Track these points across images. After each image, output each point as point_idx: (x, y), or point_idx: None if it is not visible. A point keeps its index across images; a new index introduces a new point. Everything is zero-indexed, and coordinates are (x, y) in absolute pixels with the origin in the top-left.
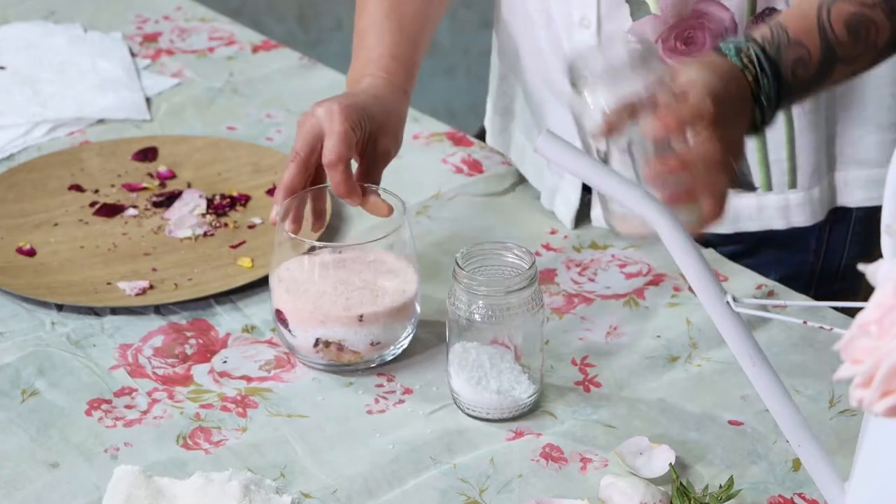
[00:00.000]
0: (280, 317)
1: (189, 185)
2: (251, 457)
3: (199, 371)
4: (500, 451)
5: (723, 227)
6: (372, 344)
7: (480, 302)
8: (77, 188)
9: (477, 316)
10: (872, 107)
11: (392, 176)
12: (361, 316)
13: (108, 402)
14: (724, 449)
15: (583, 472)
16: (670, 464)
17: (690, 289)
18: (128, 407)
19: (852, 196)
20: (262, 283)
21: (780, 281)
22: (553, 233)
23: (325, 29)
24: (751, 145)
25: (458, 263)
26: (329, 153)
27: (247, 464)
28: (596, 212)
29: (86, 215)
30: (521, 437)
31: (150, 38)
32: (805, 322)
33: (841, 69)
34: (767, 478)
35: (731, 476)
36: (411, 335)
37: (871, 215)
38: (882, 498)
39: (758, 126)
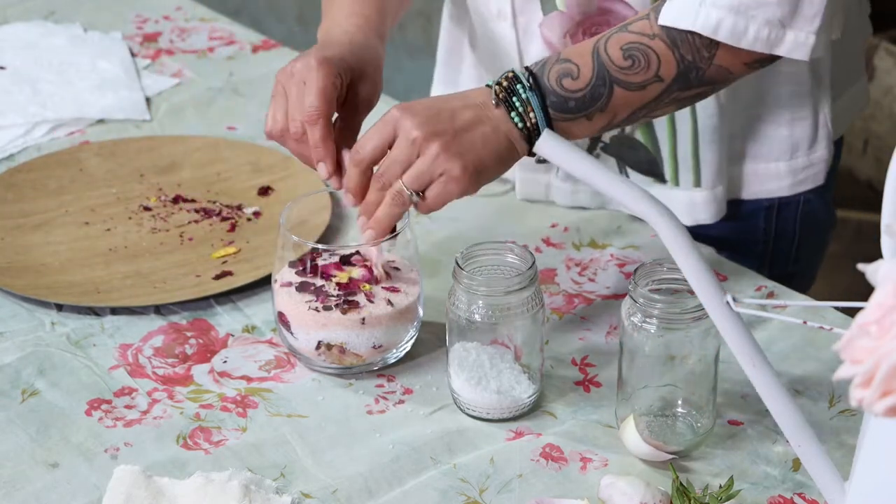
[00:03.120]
0: (282, 319)
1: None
2: (251, 457)
3: (200, 371)
4: (500, 450)
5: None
6: (374, 347)
7: (480, 302)
8: (76, 190)
9: (477, 316)
10: (770, 105)
11: None
12: (364, 319)
13: (108, 402)
14: (725, 449)
15: (583, 471)
16: (670, 463)
17: (690, 290)
18: (128, 407)
19: (753, 189)
20: (263, 284)
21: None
22: (553, 226)
23: None
24: (663, 138)
25: (458, 264)
26: (310, 109)
27: (247, 464)
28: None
29: (86, 216)
30: (521, 437)
31: (150, 38)
32: (805, 322)
33: (624, 94)
34: (767, 478)
35: (731, 476)
36: (414, 338)
37: (789, 204)
38: (882, 498)
39: (527, 133)
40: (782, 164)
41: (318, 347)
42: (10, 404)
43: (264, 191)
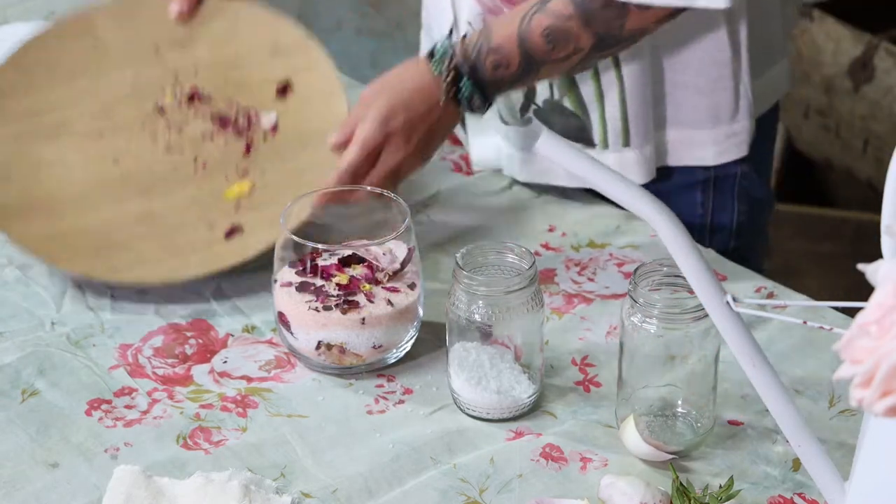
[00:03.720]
0: (282, 319)
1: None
2: (251, 457)
3: (199, 371)
4: (500, 451)
5: (574, 183)
6: (374, 347)
7: (480, 302)
8: (91, 73)
9: (477, 316)
10: (692, 72)
11: None
12: (364, 319)
13: (108, 402)
14: (725, 448)
15: (583, 471)
16: (670, 463)
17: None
18: (128, 407)
19: (679, 156)
20: (263, 283)
21: None
22: (551, 230)
23: (324, 29)
24: (591, 104)
25: (458, 264)
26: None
27: (247, 464)
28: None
29: (100, 122)
30: (521, 437)
31: None
32: (805, 322)
33: (547, 69)
34: (767, 477)
35: (731, 476)
36: (414, 338)
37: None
38: (882, 498)
39: (472, 111)
40: (705, 133)
41: (318, 347)
42: (10, 404)
43: (283, 90)
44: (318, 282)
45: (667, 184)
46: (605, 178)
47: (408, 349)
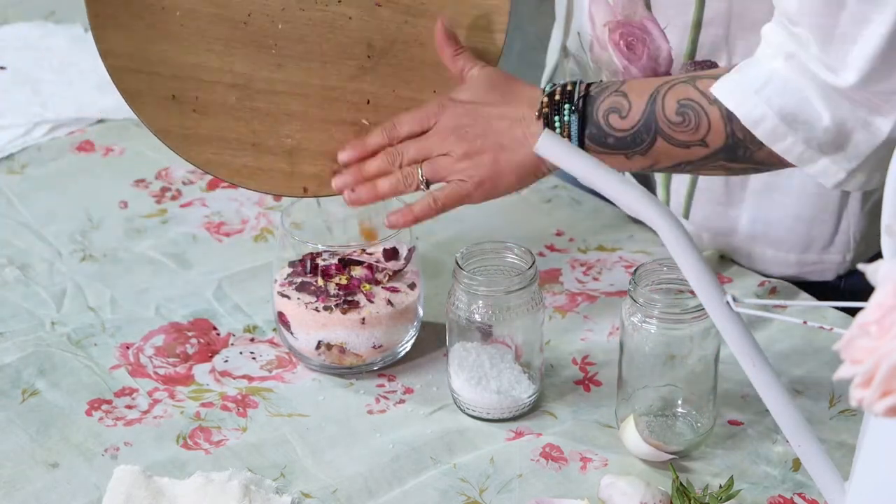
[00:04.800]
0: (282, 319)
1: None
2: (251, 457)
3: (201, 370)
4: (500, 450)
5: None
6: (374, 347)
7: (480, 302)
8: None
9: (477, 316)
10: (792, 199)
11: None
12: (364, 319)
13: (109, 402)
14: (725, 448)
15: (583, 471)
16: (670, 463)
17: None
18: (128, 407)
19: (749, 260)
20: (264, 282)
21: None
22: (559, 234)
23: None
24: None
25: (457, 263)
26: None
27: (247, 464)
28: None
29: None
30: (521, 437)
31: None
32: (805, 322)
33: (666, 147)
34: (767, 477)
35: (731, 476)
36: (414, 338)
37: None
38: (882, 498)
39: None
40: (792, 256)
41: (318, 347)
42: (10, 404)
43: None
44: (318, 282)
45: None
46: (607, 179)
47: (408, 349)
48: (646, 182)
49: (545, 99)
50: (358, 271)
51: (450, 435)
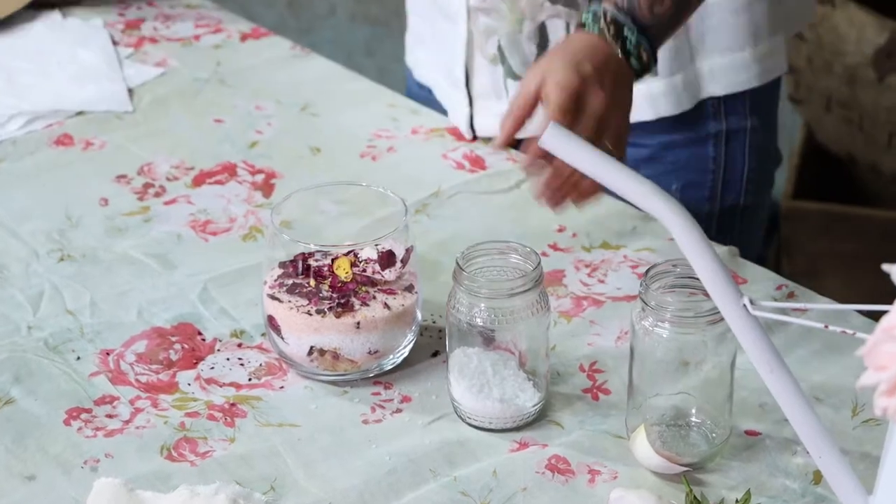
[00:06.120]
0: (272, 323)
1: None
2: (239, 469)
3: (185, 378)
4: (503, 462)
5: None
6: (370, 352)
7: (482, 305)
8: None
9: (479, 320)
10: None
11: (390, 173)
12: (359, 323)
13: (88, 410)
14: (741, 460)
15: (591, 485)
16: (684, 476)
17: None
18: (109, 416)
19: (719, 85)
20: (252, 285)
21: (683, 189)
22: (561, 230)
23: (317, 15)
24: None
25: (458, 264)
26: None
27: (235, 476)
28: (479, 120)
29: None
30: (525, 448)
31: (133, 26)
32: (826, 326)
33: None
34: (787, 491)
35: (749, 489)
36: (412, 343)
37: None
38: None
39: (641, 71)
40: (746, 53)
41: (310, 353)
42: None
43: None
44: (311, 283)
45: (678, 138)
46: (615, 172)
47: (405, 355)
48: None
49: (611, 38)
50: (352, 271)
51: (450, 446)
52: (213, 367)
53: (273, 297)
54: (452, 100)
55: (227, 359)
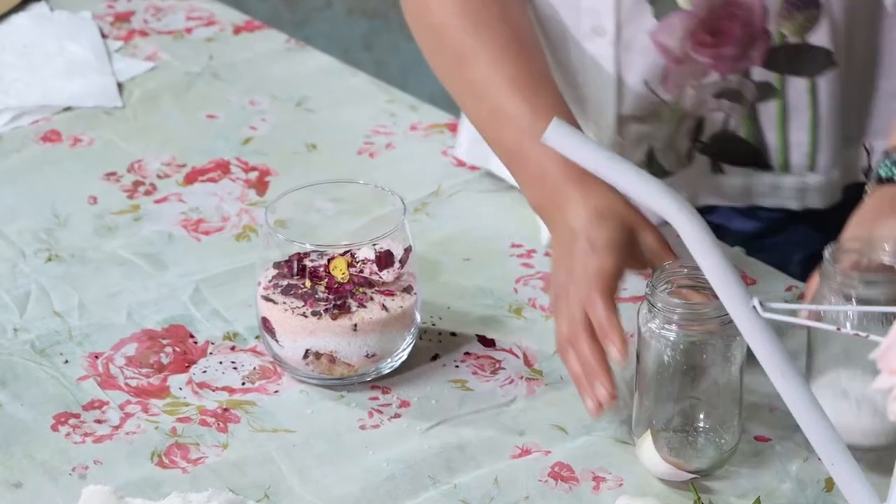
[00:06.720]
0: (266, 326)
1: None
2: (232, 476)
3: (177, 382)
4: (504, 469)
5: (738, 202)
6: (367, 356)
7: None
8: None
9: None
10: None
11: (388, 170)
12: (355, 325)
13: (77, 416)
14: (751, 467)
15: (595, 492)
16: (691, 483)
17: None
18: (98, 421)
19: (873, 161)
20: (245, 286)
21: (806, 261)
22: None
23: (313, 8)
24: (770, 128)
25: (830, 259)
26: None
27: (228, 483)
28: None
29: None
30: (527, 454)
31: (122, 18)
32: (839, 328)
33: None
34: (797, 498)
35: (759, 497)
36: (411, 346)
37: None
38: None
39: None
40: None
41: (305, 356)
42: None
43: None
44: (306, 284)
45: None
46: (620, 171)
47: (404, 358)
48: (758, 155)
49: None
50: (349, 272)
51: (450, 452)
52: (205, 371)
53: (267, 299)
54: None
55: (220, 362)
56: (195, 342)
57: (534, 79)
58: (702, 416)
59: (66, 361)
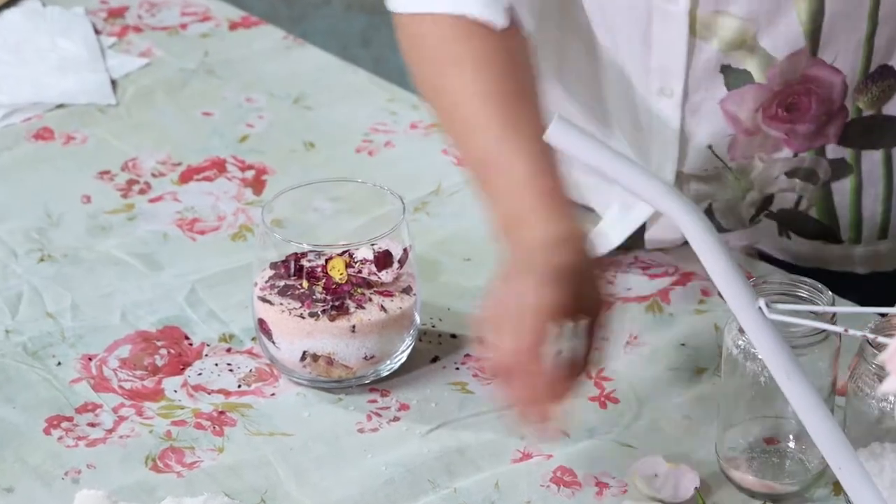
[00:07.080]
0: (263, 327)
1: None
2: (228, 480)
3: (171, 384)
4: (505, 473)
5: (803, 263)
6: (365, 358)
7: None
8: None
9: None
10: None
11: (387, 169)
12: (354, 326)
13: (70, 419)
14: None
15: (598, 497)
16: (696, 488)
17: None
18: (91, 425)
19: None
20: (242, 287)
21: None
22: None
23: (310, 3)
24: (843, 207)
25: (871, 343)
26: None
27: (223, 488)
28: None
29: None
30: (529, 458)
31: (116, 14)
32: (846, 330)
33: None
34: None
35: (765, 502)
36: (410, 348)
37: None
38: None
39: None
40: None
41: (303, 358)
42: None
43: None
44: (304, 285)
45: None
46: (624, 171)
47: (403, 360)
48: (829, 231)
49: None
50: (347, 272)
51: (449, 455)
52: (200, 374)
53: (264, 300)
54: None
55: (216, 364)
56: (190, 344)
57: (514, 93)
58: (791, 437)
59: (59, 363)
